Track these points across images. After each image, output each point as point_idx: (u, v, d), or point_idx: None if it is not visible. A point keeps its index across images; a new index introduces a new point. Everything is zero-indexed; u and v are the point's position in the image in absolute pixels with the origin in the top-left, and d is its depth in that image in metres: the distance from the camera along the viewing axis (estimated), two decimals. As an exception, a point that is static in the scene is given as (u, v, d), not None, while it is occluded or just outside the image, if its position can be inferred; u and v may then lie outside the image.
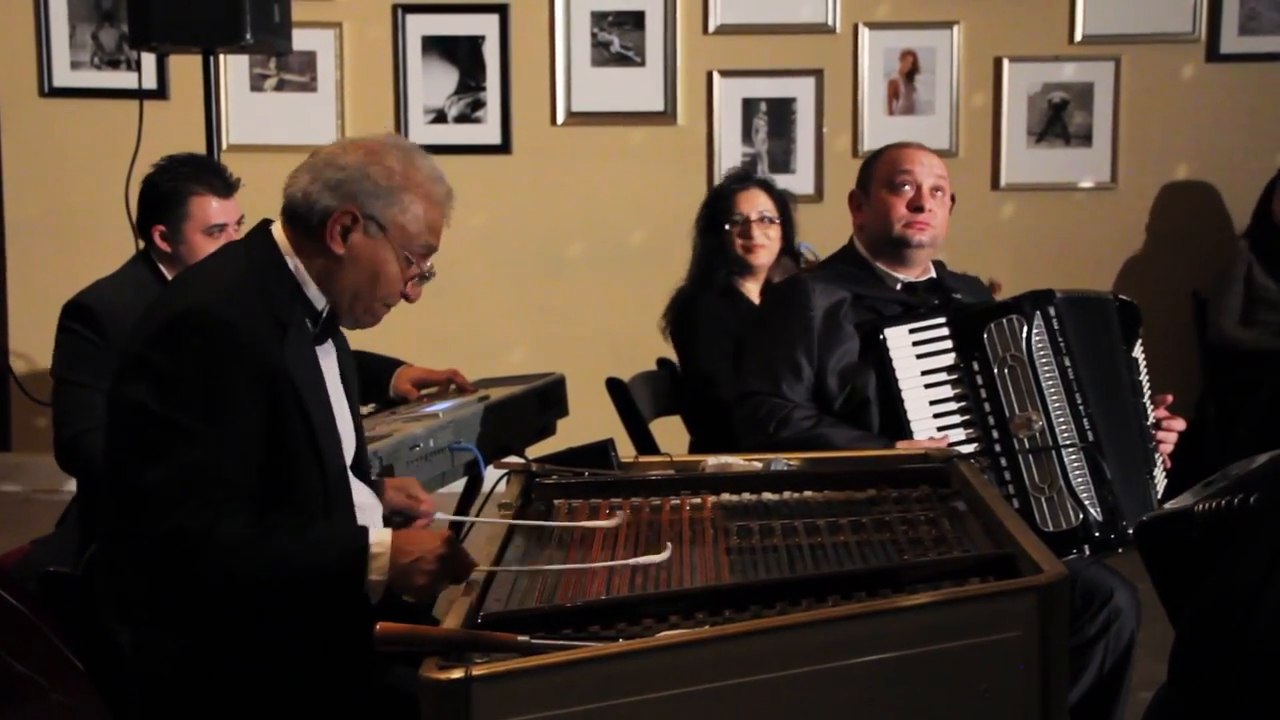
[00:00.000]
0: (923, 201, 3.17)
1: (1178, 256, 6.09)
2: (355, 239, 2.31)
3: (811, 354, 3.15)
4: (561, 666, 1.75)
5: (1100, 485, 2.99)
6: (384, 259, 2.32)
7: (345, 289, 2.34)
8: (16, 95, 6.23)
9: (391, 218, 2.31)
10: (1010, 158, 6.09)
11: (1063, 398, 3.04)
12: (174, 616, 2.23)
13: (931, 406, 3.08)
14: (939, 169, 3.23)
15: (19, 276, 6.28)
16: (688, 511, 2.45)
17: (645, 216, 6.17)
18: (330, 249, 2.31)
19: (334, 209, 2.30)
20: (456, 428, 3.31)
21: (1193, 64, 6.06)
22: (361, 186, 2.30)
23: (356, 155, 2.32)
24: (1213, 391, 5.69)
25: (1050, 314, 3.08)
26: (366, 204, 2.30)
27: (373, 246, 2.32)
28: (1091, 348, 3.12)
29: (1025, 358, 3.04)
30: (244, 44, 4.21)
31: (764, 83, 6.11)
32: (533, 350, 6.07)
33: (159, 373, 2.18)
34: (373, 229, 2.31)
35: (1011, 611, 1.87)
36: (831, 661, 1.82)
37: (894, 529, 2.30)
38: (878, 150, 3.34)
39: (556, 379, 3.92)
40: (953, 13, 6.06)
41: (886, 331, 3.09)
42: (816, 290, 3.19)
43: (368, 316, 2.39)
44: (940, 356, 3.10)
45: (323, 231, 2.31)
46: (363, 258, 2.32)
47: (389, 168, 2.31)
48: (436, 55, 6.16)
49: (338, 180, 2.31)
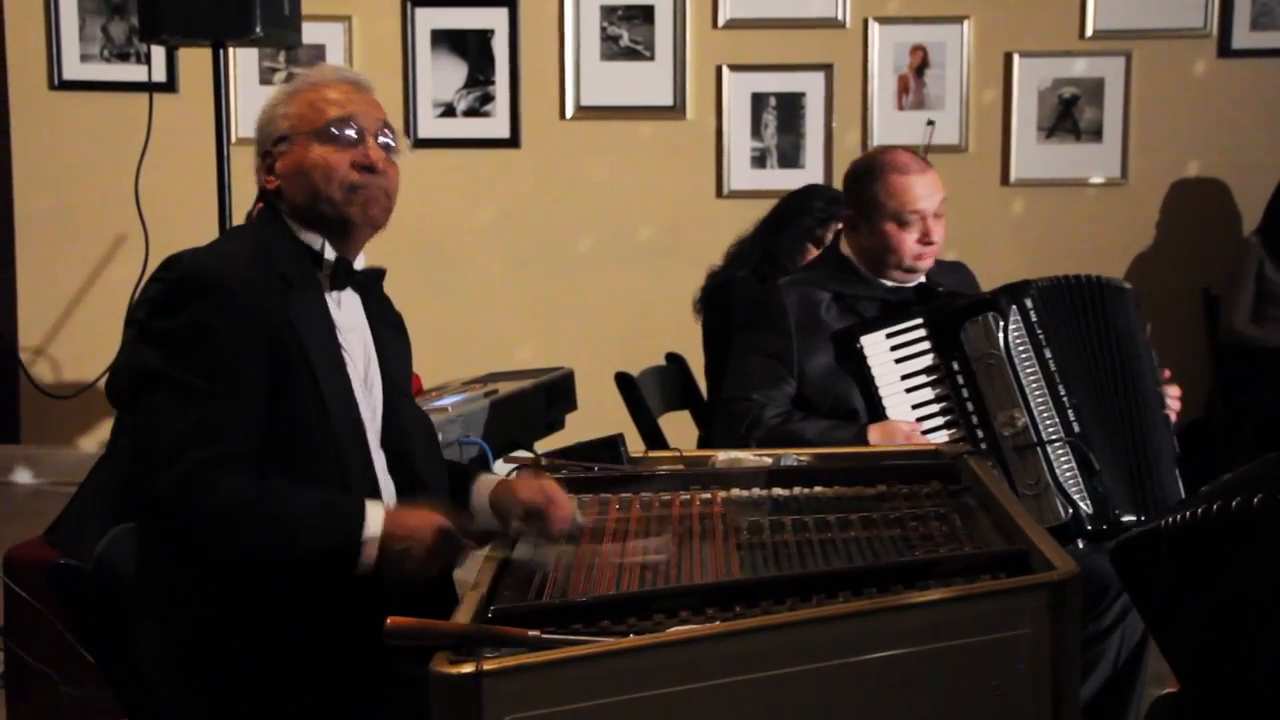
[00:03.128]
0: (932, 236, 3.15)
1: (1188, 253, 6.08)
2: (279, 165, 2.36)
3: (790, 362, 3.14)
4: (572, 661, 1.75)
5: (1089, 477, 2.97)
6: (306, 153, 2.34)
7: (308, 203, 2.34)
8: (26, 88, 6.23)
9: (287, 127, 2.36)
10: (1020, 153, 6.08)
11: (1045, 391, 3.01)
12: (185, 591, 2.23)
13: (914, 410, 3.06)
14: (939, 188, 3.18)
15: (29, 268, 6.28)
16: (698, 507, 2.45)
17: (654, 211, 6.16)
18: (270, 188, 2.37)
19: (260, 166, 2.39)
20: (465, 422, 3.30)
21: (1204, 59, 6.04)
22: (261, 127, 2.40)
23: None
24: (1223, 388, 5.68)
25: (1027, 306, 3.05)
26: (266, 136, 2.39)
27: (294, 155, 2.35)
28: (1075, 336, 3.09)
29: (1003, 354, 3.01)
30: (254, 37, 4.20)
31: (773, 77, 6.10)
32: (541, 344, 6.06)
33: (159, 336, 2.23)
34: (282, 147, 2.37)
35: (1023, 608, 1.87)
36: (842, 658, 1.82)
37: (905, 525, 2.29)
38: (871, 165, 3.24)
39: (565, 373, 3.91)
40: (963, 7, 6.04)
41: (863, 339, 3.07)
42: (790, 296, 3.18)
43: (346, 207, 2.34)
44: (919, 359, 3.08)
45: (265, 185, 2.39)
46: (291, 169, 2.35)
47: (272, 102, 2.41)
48: (445, 49, 6.15)
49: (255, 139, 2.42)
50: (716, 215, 5.79)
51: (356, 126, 2.35)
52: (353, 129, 2.35)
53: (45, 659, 3.42)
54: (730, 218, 4.47)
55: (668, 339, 4.34)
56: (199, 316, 2.19)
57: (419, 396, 3.66)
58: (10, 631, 3.57)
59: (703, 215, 6.01)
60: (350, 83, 2.43)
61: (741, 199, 5.87)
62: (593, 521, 2.37)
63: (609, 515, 2.41)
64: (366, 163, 2.34)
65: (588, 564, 2.17)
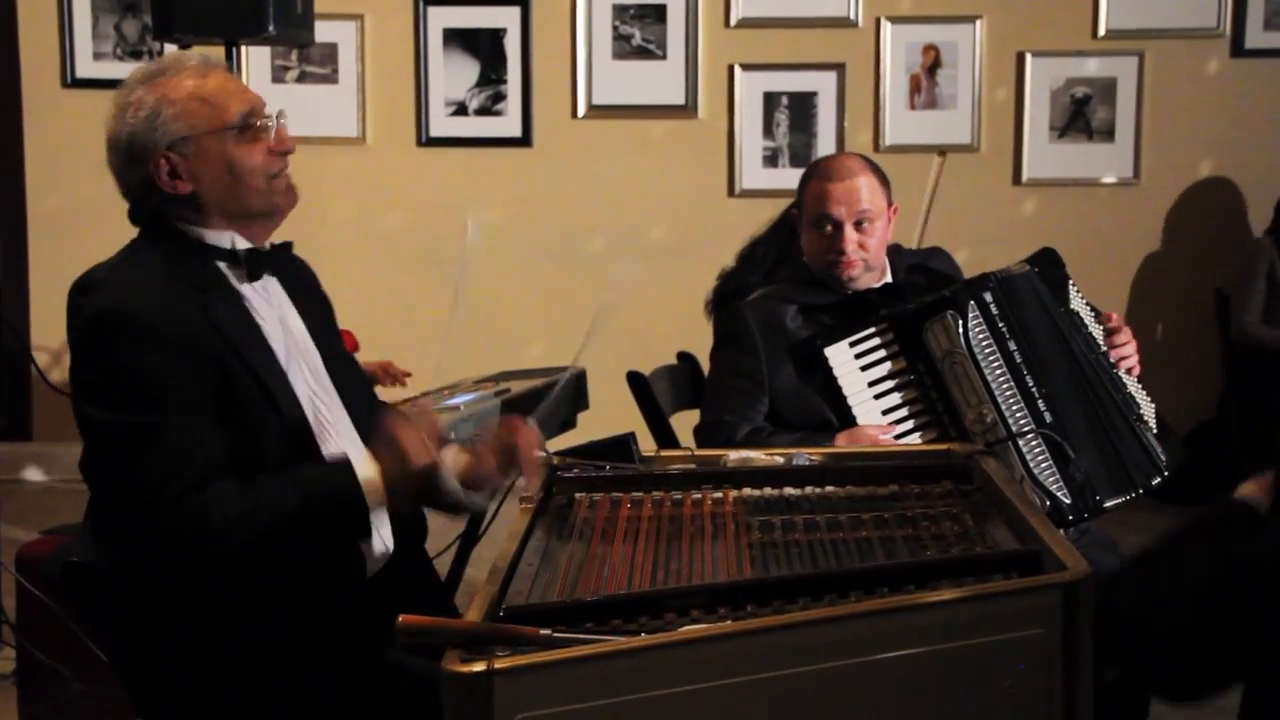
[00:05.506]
0: (844, 245, 3.12)
1: (1200, 253, 6.07)
2: (187, 168, 2.27)
3: (761, 380, 3.14)
4: (583, 660, 1.75)
5: (1065, 465, 2.96)
6: (225, 151, 2.28)
7: (232, 200, 2.29)
8: (40, 86, 6.25)
9: (185, 128, 2.27)
10: (1032, 153, 6.07)
11: (1012, 384, 3.00)
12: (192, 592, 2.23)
13: (884, 416, 3.05)
14: (862, 200, 3.12)
15: (41, 267, 6.30)
16: (709, 506, 2.45)
17: (666, 210, 6.17)
18: (180, 193, 2.28)
19: (148, 172, 2.27)
20: (476, 421, 3.30)
21: (1217, 59, 6.03)
22: (138, 135, 2.27)
23: (110, 124, 2.30)
24: (1234, 389, 5.67)
25: (986, 300, 3.03)
26: (152, 140, 2.27)
27: (209, 155, 2.27)
28: (1035, 323, 3.08)
29: (966, 352, 3.00)
30: (266, 35, 4.21)
31: (785, 76, 6.10)
32: (552, 344, 6.06)
33: (93, 388, 2.18)
34: (185, 149, 2.27)
35: (1036, 608, 1.86)
36: (854, 657, 1.81)
37: (917, 524, 2.29)
38: (808, 169, 3.27)
39: (577, 372, 3.91)
40: (975, 7, 6.04)
41: (827, 350, 3.07)
42: (754, 313, 3.18)
43: (273, 197, 2.32)
44: (884, 364, 3.07)
45: (163, 190, 2.28)
46: (209, 170, 2.27)
47: (133, 102, 2.28)
48: (458, 47, 6.16)
49: (123, 151, 2.29)
50: (728, 214, 5.79)
51: (260, 116, 2.32)
52: (258, 119, 2.31)
53: (57, 656, 3.43)
54: (742, 217, 4.46)
55: (679, 338, 4.34)
56: (124, 357, 2.15)
57: (428, 394, 3.67)
58: (22, 628, 3.58)
59: (714, 214, 6.01)
60: (224, 70, 2.37)
61: (753, 198, 5.88)
62: (604, 520, 2.37)
63: (620, 514, 2.41)
64: (284, 148, 2.32)
65: (596, 560, 2.17)
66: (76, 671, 3.38)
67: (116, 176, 2.33)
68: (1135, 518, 3.25)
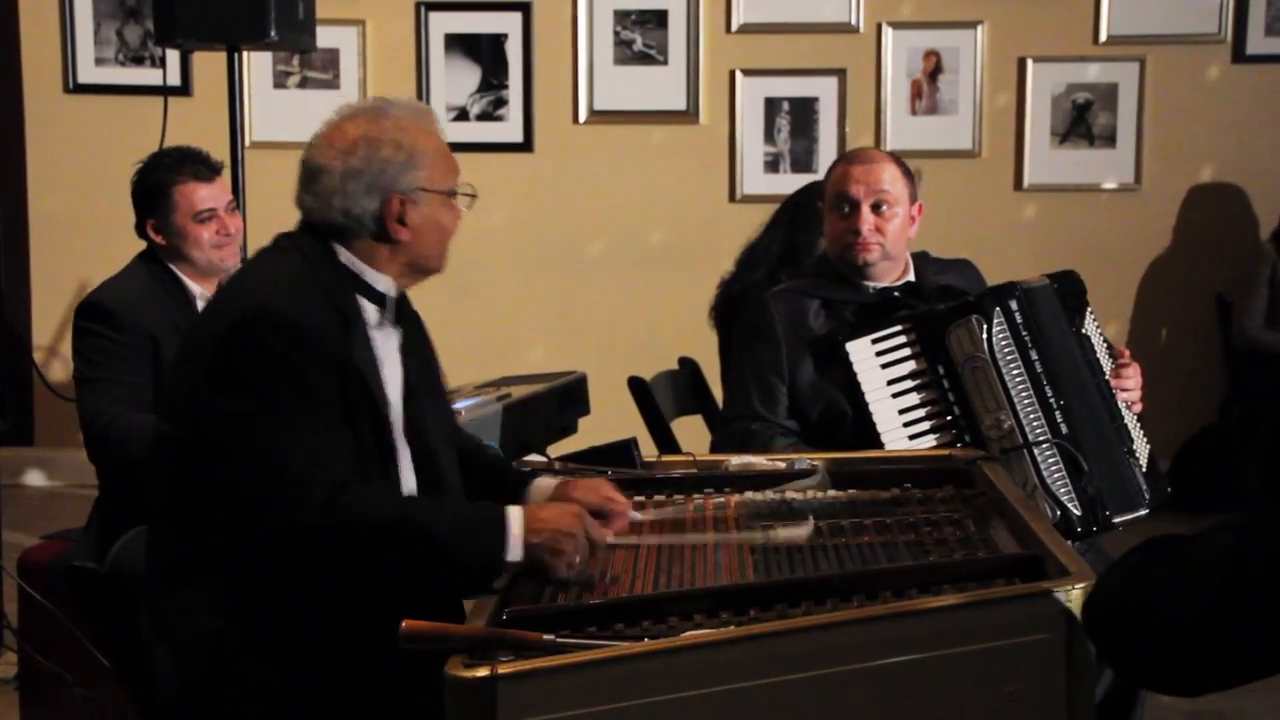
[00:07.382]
0: (859, 225, 3.12)
1: (1202, 258, 6.06)
2: (413, 217, 2.36)
3: (782, 372, 3.14)
4: (586, 665, 1.76)
5: (1078, 478, 2.96)
6: (439, 213, 2.39)
7: (424, 257, 2.40)
8: (41, 91, 6.26)
9: (425, 179, 2.37)
10: (1034, 158, 6.07)
11: (1031, 393, 3.00)
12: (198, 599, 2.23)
13: (901, 415, 3.05)
14: (883, 182, 3.14)
15: (43, 272, 6.30)
16: (711, 510, 2.45)
17: (667, 215, 6.17)
18: (396, 238, 2.36)
19: (380, 207, 2.34)
20: (478, 426, 3.30)
21: (1218, 65, 6.03)
22: (386, 172, 2.34)
23: (357, 147, 2.35)
24: (1237, 394, 5.67)
25: (1012, 308, 3.04)
26: (401, 183, 2.35)
27: (428, 212, 2.38)
28: (1055, 337, 3.09)
29: (988, 357, 3.00)
30: (268, 41, 4.21)
31: (787, 82, 6.10)
32: (554, 349, 6.07)
33: (241, 376, 2.22)
34: (420, 198, 2.36)
35: (1038, 614, 1.86)
36: (857, 662, 1.81)
37: (919, 529, 2.29)
38: (837, 159, 3.34)
39: (578, 377, 3.91)
40: (976, 12, 6.04)
41: (849, 345, 3.07)
42: (777, 305, 3.18)
43: (445, 262, 2.46)
44: (905, 364, 3.07)
45: (381, 231, 2.36)
46: (426, 226, 2.38)
47: (393, 139, 2.36)
48: (459, 53, 6.16)
49: (365, 179, 2.34)
50: (729, 220, 5.78)
51: (468, 188, 2.47)
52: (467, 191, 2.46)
53: (59, 661, 3.43)
54: (743, 222, 4.47)
55: (680, 343, 4.34)
56: (280, 354, 2.21)
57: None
58: (24, 633, 3.58)
59: (715, 220, 6.01)
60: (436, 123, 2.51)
61: (754, 203, 5.85)
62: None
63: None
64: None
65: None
66: (78, 676, 3.38)
67: (329, 192, 2.35)
68: (1135, 526, 3.24)
